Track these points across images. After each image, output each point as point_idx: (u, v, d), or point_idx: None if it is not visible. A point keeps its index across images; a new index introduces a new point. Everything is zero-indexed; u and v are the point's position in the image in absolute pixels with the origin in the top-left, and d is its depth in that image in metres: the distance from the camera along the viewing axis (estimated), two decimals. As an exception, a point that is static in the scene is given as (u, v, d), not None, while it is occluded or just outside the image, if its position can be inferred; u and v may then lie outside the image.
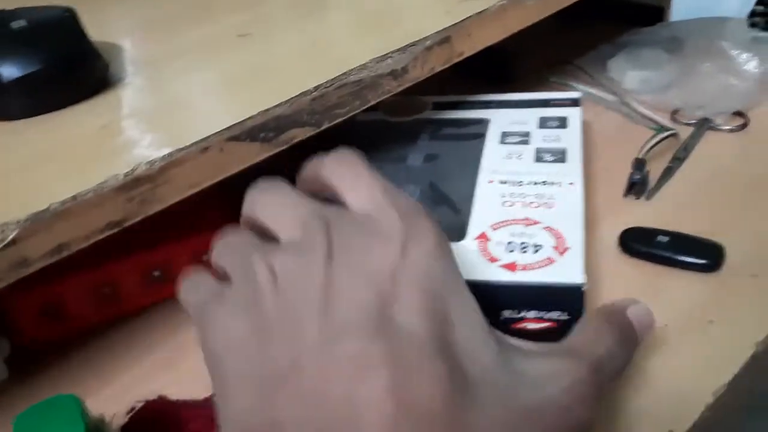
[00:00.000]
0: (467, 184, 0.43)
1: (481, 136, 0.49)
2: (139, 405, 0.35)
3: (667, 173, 0.50)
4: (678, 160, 0.52)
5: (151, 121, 0.37)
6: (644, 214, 0.47)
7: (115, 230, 0.32)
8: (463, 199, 0.42)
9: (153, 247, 0.42)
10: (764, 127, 0.55)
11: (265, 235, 0.26)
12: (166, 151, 0.33)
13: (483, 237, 0.38)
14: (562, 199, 0.40)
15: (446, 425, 0.19)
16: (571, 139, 0.46)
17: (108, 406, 0.34)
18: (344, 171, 0.26)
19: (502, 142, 0.47)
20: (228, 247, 0.27)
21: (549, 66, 0.68)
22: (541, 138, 0.47)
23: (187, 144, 0.33)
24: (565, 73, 0.66)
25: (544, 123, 0.49)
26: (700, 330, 0.37)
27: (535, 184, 0.42)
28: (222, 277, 0.26)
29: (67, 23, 0.40)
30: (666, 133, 0.53)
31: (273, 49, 0.44)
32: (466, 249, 0.37)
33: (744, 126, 0.55)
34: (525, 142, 0.47)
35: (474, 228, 0.39)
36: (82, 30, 0.40)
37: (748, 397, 0.37)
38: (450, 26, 0.44)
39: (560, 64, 0.68)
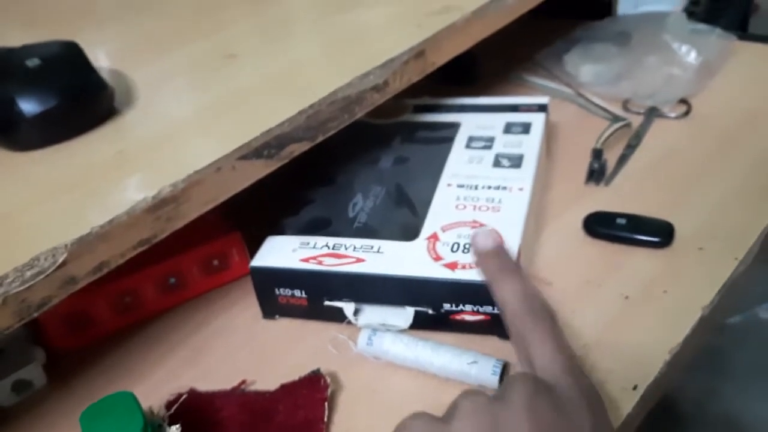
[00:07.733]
0: (428, 187, 0.49)
1: (449, 140, 0.53)
2: (173, 398, 0.39)
3: (622, 160, 0.56)
4: (631, 147, 0.58)
5: (162, 145, 0.41)
6: (604, 198, 0.52)
7: (146, 246, 0.36)
8: (422, 201, 0.47)
9: (167, 258, 0.46)
10: (705, 113, 0.61)
11: None
12: (185, 173, 0.37)
13: (433, 237, 0.44)
14: (509, 204, 0.45)
15: None
16: (530, 145, 0.51)
17: (144, 402, 0.38)
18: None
19: (468, 146, 0.52)
20: None
21: (510, 63, 0.73)
22: (503, 144, 0.52)
23: (204, 165, 0.38)
24: (526, 70, 0.72)
25: (509, 128, 0.53)
26: (656, 299, 0.43)
27: (489, 188, 0.47)
28: None
29: (75, 57, 0.44)
30: (620, 123, 0.59)
31: (260, 70, 0.48)
32: (416, 248, 0.43)
33: (687, 113, 0.62)
34: (488, 147, 0.52)
35: (427, 229, 0.44)
36: (89, 62, 0.44)
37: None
38: (423, 41, 0.49)
39: (521, 61, 0.73)
